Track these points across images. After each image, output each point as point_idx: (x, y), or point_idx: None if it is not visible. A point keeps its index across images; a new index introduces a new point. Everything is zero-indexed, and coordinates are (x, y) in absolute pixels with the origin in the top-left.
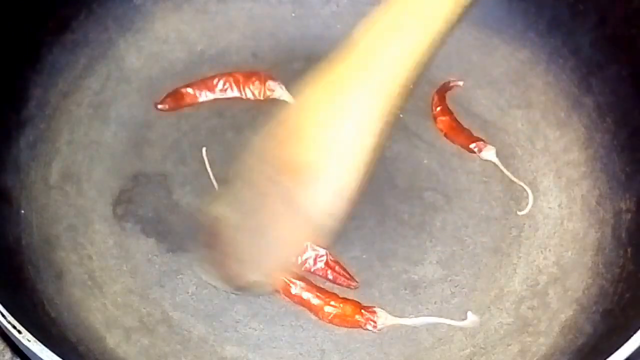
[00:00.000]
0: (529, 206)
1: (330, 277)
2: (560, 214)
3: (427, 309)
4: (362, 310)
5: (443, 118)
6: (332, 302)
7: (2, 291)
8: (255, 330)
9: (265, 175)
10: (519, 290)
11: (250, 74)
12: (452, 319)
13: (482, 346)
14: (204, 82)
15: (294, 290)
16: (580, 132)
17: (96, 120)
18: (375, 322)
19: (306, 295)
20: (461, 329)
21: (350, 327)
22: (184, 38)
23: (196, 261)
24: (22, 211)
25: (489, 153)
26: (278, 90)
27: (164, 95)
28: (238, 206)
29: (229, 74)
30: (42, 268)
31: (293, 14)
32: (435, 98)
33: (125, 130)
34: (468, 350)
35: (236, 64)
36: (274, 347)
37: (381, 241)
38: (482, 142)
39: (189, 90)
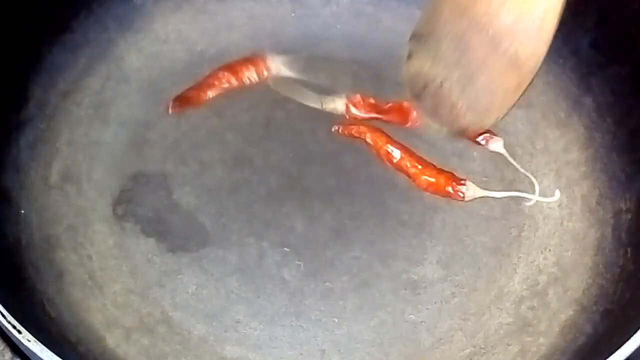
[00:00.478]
0: (536, 196)
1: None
2: (560, 214)
3: (427, 309)
4: (454, 182)
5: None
6: (428, 172)
7: (2, 291)
8: (256, 330)
9: (463, 26)
10: (518, 290)
11: (245, 60)
12: (452, 319)
13: (482, 346)
14: (206, 82)
15: (395, 158)
16: (580, 132)
17: (96, 120)
18: (463, 193)
19: (405, 162)
20: (461, 329)
21: (442, 196)
22: (184, 38)
23: None
24: (22, 211)
25: (496, 144)
26: (275, 67)
27: (167, 97)
28: (440, 59)
29: (225, 68)
30: (42, 268)
31: (293, 14)
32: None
33: (125, 130)
34: (468, 350)
35: None
36: (274, 347)
37: (381, 241)
38: (489, 134)
39: (193, 92)
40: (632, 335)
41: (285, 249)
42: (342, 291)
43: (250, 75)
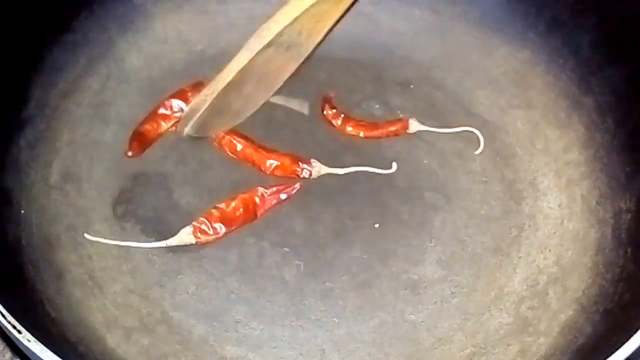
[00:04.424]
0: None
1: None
2: (560, 214)
3: (427, 309)
4: (300, 162)
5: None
6: (273, 156)
7: (2, 291)
8: (255, 330)
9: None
10: (519, 290)
11: (194, 85)
12: (452, 319)
13: (482, 346)
14: (158, 114)
15: (239, 147)
16: (580, 132)
17: (96, 120)
18: (310, 171)
19: (248, 151)
20: (461, 329)
21: (289, 177)
22: (184, 38)
23: None
24: (22, 211)
25: (415, 124)
26: None
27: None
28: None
29: (174, 95)
30: (42, 268)
31: None
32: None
33: (125, 130)
34: (468, 350)
35: None
36: (274, 347)
37: (381, 241)
38: (404, 121)
39: (147, 126)
40: (632, 335)
41: (285, 249)
42: (342, 291)
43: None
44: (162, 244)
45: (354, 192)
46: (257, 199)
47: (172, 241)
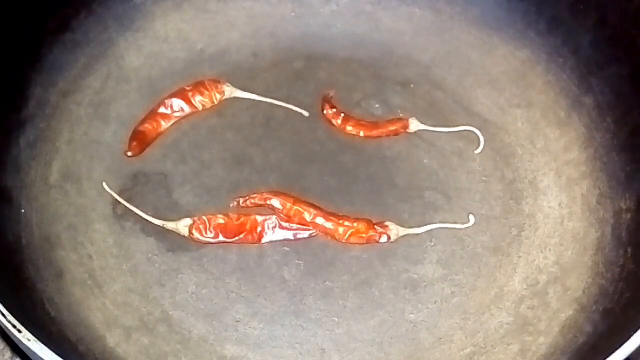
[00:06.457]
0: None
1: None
2: (560, 213)
3: (428, 308)
4: (375, 226)
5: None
6: (346, 223)
7: (2, 290)
8: (256, 329)
9: None
10: (519, 289)
11: (195, 85)
12: (452, 318)
13: (482, 346)
14: (158, 113)
15: (309, 217)
16: (580, 132)
17: (96, 120)
18: (389, 236)
19: (319, 219)
20: (461, 328)
21: (366, 244)
22: (184, 37)
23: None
24: (23, 210)
25: (415, 124)
26: (228, 91)
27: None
28: None
29: (175, 95)
30: (43, 267)
31: (293, 14)
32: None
33: (125, 129)
34: (468, 350)
35: (236, 64)
36: (274, 347)
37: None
38: (404, 121)
39: (147, 126)
40: (632, 335)
41: (285, 248)
42: (342, 291)
43: (202, 100)
44: (159, 222)
45: (354, 192)
46: (267, 227)
47: (169, 225)
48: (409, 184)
